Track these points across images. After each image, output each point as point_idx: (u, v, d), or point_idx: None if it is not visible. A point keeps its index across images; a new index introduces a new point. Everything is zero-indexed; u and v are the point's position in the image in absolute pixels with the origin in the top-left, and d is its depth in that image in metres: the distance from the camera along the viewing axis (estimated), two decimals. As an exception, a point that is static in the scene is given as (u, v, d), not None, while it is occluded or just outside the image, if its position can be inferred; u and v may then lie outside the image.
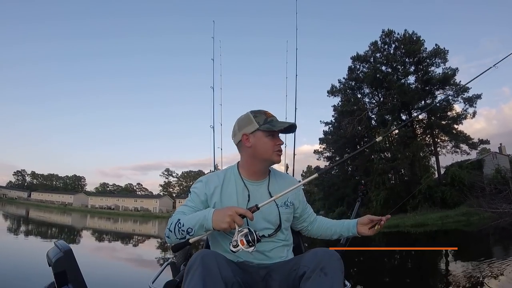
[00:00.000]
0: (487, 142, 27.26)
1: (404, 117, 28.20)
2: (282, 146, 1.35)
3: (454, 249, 8.22)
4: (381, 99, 29.48)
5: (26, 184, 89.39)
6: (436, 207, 22.13)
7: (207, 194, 1.26)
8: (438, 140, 27.80)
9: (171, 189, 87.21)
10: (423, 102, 27.24)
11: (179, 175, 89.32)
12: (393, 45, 28.30)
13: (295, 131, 1.40)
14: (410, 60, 27.64)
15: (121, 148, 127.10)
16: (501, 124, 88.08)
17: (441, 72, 26.41)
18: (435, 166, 27.33)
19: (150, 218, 47.53)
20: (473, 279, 4.77)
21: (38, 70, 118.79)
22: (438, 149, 27.70)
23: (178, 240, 1.12)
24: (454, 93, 24.11)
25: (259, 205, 1.10)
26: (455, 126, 26.31)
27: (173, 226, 1.13)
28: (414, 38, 27.41)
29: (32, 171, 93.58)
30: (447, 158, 28.40)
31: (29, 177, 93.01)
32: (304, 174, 49.60)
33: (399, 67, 27.90)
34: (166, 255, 8.51)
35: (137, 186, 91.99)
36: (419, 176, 24.94)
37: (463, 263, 6.35)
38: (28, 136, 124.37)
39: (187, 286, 0.95)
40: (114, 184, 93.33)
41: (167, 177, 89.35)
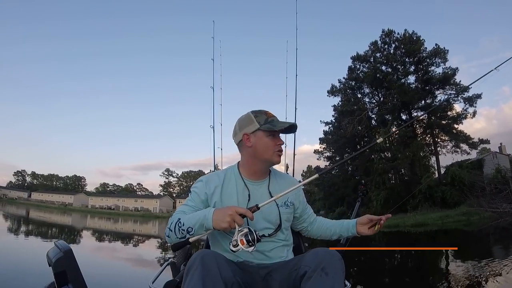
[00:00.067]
0: (487, 142, 27.30)
1: (404, 117, 28.24)
2: (282, 146, 1.34)
3: (454, 249, 8.23)
4: (381, 99, 29.49)
5: (26, 185, 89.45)
6: (436, 207, 22.13)
7: (208, 194, 1.26)
8: (438, 140, 27.80)
9: (171, 189, 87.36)
10: (423, 102, 27.24)
11: (179, 175, 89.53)
12: (393, 45, 28.31)
13: (296, 131, 1.39)
14: (410, 60, 27.63)
15: (121, 148, 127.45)
16: (501, 124, 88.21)
17: (441, 72, 26.42)
18: (435, 166, 27.35)
19: (150, 218, 47.53)
20: (474, 279, 4.76)
21: (38, 70, 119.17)
22: (438, 149, 27.70)
23: (178, 239, 1.12)
24: (455, 94, 24.12)
25: (260, 205, 1.10)
26: (455, 126, 26.32)
27: (174, 225, 1.13)
28: (414, 38, 27.41)
29: (32, 171, 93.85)
30: (447, 158, 28.44)
31: (29, 177, 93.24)
32: (304, 174, 49.66)
33: (399, 67, 27.89)
34: (166, 255, 8.51)
35: (137, 186, 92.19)
36: (419, 176, 24.94)
37: (463, 263, 6.35)
38: (28, 136, 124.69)
39: (187, 286, 0.95)
40: (114, 184, 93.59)
41: (167, 177, 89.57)
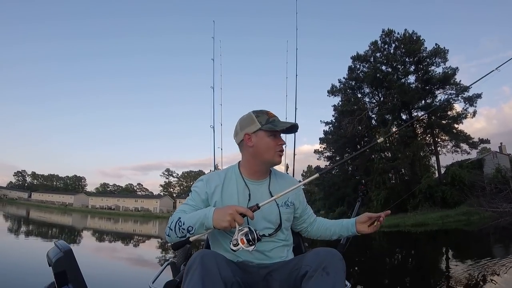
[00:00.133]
0: (488, 142, 27.31)
1: (404, 117, 28.23)
2: (283, 146, 1.34)
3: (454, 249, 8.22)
4: (381, 99, 29.48)
5: (27, 185, 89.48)
6: (437, 207, 22.12)
7: (208, 193, 1.25)
8: (439, 140, 27.79)
9: (172, 189, 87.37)
10: (424, 102, 27.23)
11: (180, 175, 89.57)
12: (393, 45, 28.29)
13: (297, 131, 1.39)
14: (410, 60, 27.61)
15: (121, 148, 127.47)
16: (501, 124, 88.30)
17: (441, 72, 26.39)
18: (436, 166, 27.34)
19: (151, 218, 47.53)
20: (474, 279, 4.76)
21: (38, 70, 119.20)
22: (439, 149, 27.70)
23: (179, 239, 1.12)
24: (455, 94, 24.12)
25: (260, 204, 1.10)
26: (456, 126, 26.30)
27: (174, 225, 1.13)
28: (414, 38, 27.39)
29: (33, 172, 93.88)
30: (448, 158, 28.47)
31: (30, 178, 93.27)
32: (305, 174, 49.67)
33: (399, 67, 27.88)
34: (167, 255, 8.51)
35: (138, 186, 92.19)
36: (420, 176, 24.93)
37: (464, 263, 6.34)
38: (28, 136, 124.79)
39: (187, 286, 0.95)
40: (115, 184, 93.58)
41: (168, 177, 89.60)
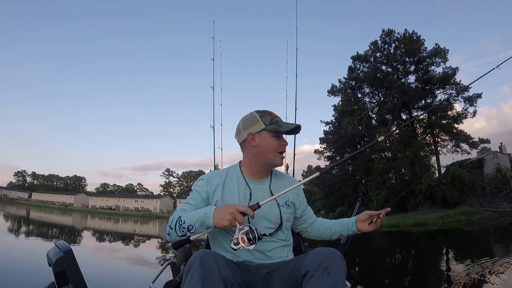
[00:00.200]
0: (488, 141, 27.33)
1: (405, 117, 28.23)
2: (285, 147, 1.34)
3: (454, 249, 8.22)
4: (382, 99, 29.49)
5: (27, 185, 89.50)
6: (437, 207, 22.14)
7: (209, 192, 1.25)
8: (439, 140, 27.79)
9: (172, 189, 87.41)
10: (424, 102, 27.25)
11: (180, 175, 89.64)
12: (393, 45, 28.31)
13: (299, 132, 1.39)
14: (410, 60, 27.63)
15: (122, 148, 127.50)
16: (501, 123, 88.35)
17: (441, 72, 26.43)
18: (436, 166, 27.36)
19: (151, 218, 47.52)
20: (474, 279, 4.76)
21: (38, 70, 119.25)
22: (439, 149, 27.71)
23: (179, 238, 1.12)
24: (456, 93, 24.14)
25: (260, 203, 1.10)
26: (456, 126, 26.34)
27: (174, 223, 1.13)
28: (414, 38, 27.40)
29: (33, 172, 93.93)
30: (448, 158, 28.50)
31: (30, 178, 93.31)
32: (305, 174, 49.60)
33: (399, 67, 27.88)
34: (167, 255, 8.51)
35: (138, 186, 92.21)
36: (420, 176, 24.94)
37: (464, 263, 6.34)
38: (28, 136, 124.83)
39: (186, 286, 0.95)
40: (115, 185, 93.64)
41: (168, 177, 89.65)
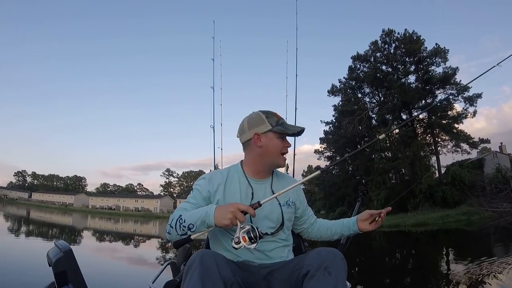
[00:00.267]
0: (488, 141, 27.33)
1: (405, 117, 28.23)
2: (288, 149, 1.35)
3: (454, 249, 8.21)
4: (382, 99, 29.49)
5: (27, 185, 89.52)
6: (437, 207, 22.15)
7: (211, 192, 1.25)
8: (439, 140, 27.80)
9: (172, 189, 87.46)
10: (424, 102, 27.25)
11: (180, 175, 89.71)
12: (394, 45, 28.32)
13: (301, 135, 1.40)
14: (411, 60, 27.63)
15: (122, 148, 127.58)
16: (502, 123, 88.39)
17: (442, 72, 26.45)
18: (436, 166, 27.36)
19: (151, 218, 47.53)
20: (474, 279, 4.75)
21: (38, 70, 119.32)
22: (439, 149, 27.71)
23: (179, 236, 1.11)
24: (456, 92, 24.13)
25: (261, 202, 1.10)
26: (456, 126, 26.34)
27: (175, 222, 1.12)
28: (414, 38, 27.41)
29: (33, 172, 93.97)
30: (448, 158, 28.52)
31: (30, 178, 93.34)
32: (305, 174, 49.57)
33: (400, 67, 27.89)
34: (167, 255, 8.51)
35: (138, 186, 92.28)
36: (420, 176, 24.95)
37: (464, 263, 6.33)
38: (28, 136, 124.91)
39: (186, 286, 0.95)
40: (115, 185, 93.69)
41: (168, 177, 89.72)
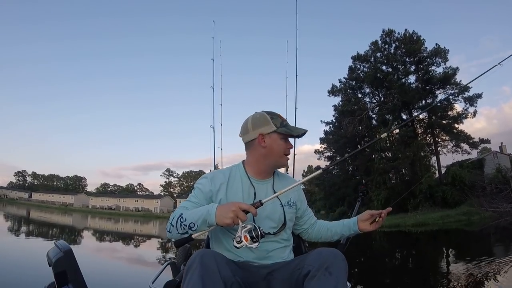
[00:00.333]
0: (488, 142, 27.35)
1: (405, 117, 28.24)
2: (290, 150, 1.36)
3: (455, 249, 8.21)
4: (382, 99, 29.48)
5: (27, 185, 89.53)
6: (437, 207, 22.14)
7: (213, 191, 1.25)
8: (439, 140, 27.79)
9: (172, 189, 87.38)
10: (424, 102, 27.24)
11: (180, 175, 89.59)
12: (394, 45, 28.31)
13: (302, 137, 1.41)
14: (411, 60, 27.63)
15: (122, 148, 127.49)
16: (502, 123, 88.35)
17: (442, 72, 26.43)
18: (436, 166, 27.35)
19: (151, 218, 47.54)
20: (474, 279, 4.75)
21: (39, 70, 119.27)
22: (439, 149, 27.70)
23: (180, 235, 1.11)
24: (457, 92, 24.12)
25: (263, 201, 1.10)
26: (456, 126, 26.34)
27: (175, 221, 1.12)
28: (415, 38, 27.41)
29: (33, 172, 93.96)
30: (448, 158, 28.53)
31: (30, 178, 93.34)
32: (305, 174, 49.57)
33: (400, 67, 27.89)
34: (167, 255, 8.51)
35: (138, 186, 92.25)
36: (420, 176, 24.94)
37: (464, 263, 6.33)
38: (28, 136, 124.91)
39: (186, 285, 0.95)
40: (115, 185, 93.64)
41: (168, 177, 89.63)
